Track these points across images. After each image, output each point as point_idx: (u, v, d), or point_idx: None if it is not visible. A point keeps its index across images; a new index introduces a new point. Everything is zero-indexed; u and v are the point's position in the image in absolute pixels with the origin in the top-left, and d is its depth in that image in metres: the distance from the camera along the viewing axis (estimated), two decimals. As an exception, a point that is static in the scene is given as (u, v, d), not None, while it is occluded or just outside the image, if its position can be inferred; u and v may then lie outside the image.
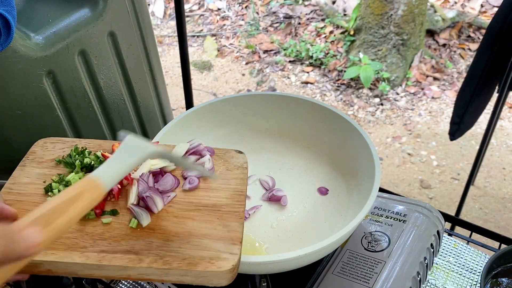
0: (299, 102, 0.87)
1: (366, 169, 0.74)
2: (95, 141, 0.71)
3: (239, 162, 0.69)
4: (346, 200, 0.79)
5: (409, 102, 2.51)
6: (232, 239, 0.56)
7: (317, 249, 0.60)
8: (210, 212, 0.60)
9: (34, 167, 0.66)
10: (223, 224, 0.58)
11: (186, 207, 0.61)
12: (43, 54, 0.76)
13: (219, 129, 0.88)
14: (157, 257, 0.53)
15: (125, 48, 0.91)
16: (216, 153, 0.71)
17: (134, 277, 0.53)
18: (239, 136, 0.90)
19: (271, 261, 0.59)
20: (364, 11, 2.63)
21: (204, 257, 0.53)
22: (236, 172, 0.67)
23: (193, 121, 0.85)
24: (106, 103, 0.91)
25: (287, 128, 0.91)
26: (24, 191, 0.62)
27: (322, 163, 0.87)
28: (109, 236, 0.56)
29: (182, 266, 0.52)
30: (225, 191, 0.64)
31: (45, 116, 0.80)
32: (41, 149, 0.69)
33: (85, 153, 0.67)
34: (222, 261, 0.53)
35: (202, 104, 0.86)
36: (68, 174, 0.64)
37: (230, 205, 0.61)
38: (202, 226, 0.58)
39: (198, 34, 3.16)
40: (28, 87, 0.76)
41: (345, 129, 0.82)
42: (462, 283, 0.78)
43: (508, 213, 1.86)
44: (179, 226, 0.58)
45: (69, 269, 0.53)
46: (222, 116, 0.88)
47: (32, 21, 0.78)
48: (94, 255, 0.53)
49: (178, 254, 0.54)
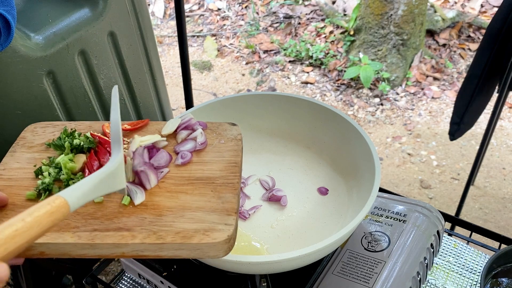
0: (299, 102, 0.87)
1: (366, 169, 0.74)
2: (85, 123, 0.70)
3: (233, 134, 0.69)
4: (346, 200, 0.79)
5: (409, 102, 2.51)
6: (227, 210, 0.56)
7: (317, 249, 0.60)
8: (204, 185, 0.60)
9: (24, 152, 0.66)
10: (217, 196, 0.58)
11: (179, 181, 0.61)
12: (43, 54, 0.76)
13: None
14: (150, 233, 0.53)
15: (125, 48, 0.91)
16: (209, 127, 0.70)
17: (128, 254, 0.53)
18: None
19: (271, 261, 0.59)
20: (364, 11, 2.63)
21: (198, 230, 0.53)
22: (230, 144, 0.67)
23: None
24: (106, 103, 0.91)
25: (287, 128, 0.91)
26: (15, 176, 0.62)
27: (322, 163, 0.87)
28: (101, 214, 0.56)
29: (176, 240, 0.52)
30: (219, 164, 0.63)
31: (45, 116, 0.80)
32: (31, 134, 0.69)
33: (75, 134, 0.66)
34: (217, 232, 0.52)
35: (201, 104, 0.86)
36: (58, 156, 0.63)
37: (224, 177, 0.61)
38: (196, 199, 0.58)
39: (198, 34, 3.16)
40: (28, 87, 0.76)
41: (345, 129, 0.82)
42: (462, 283, 0.78)
43: (508, 213, 1.86)
44: (172, 201, 0.57)
45: (62, 250, 0.52)
46: (222, 116, 0.88)
47: (32, 21, 0.78)
48: (86, 234, 0.52)
49: (172, 229, 0.53)
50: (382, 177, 2.07)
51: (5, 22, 0.66)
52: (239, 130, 0.70)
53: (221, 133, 0.69)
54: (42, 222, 0.41)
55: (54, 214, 0.43)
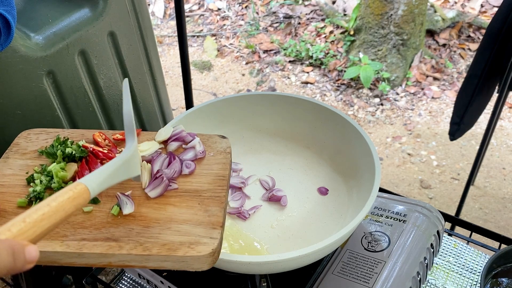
0: (299, 102, 0.87)
1: (366, 169, 0.74)
2: (78, 131, 0.71)
3: (222, 147, 0.69)
4: (346, 200, 0.79)
5: (409, 102, 2.51)
6: (212, 223, 0.56)
7: (317, 249, 0.60)
8: (192, 198, 0.60)
9: (17, 158, 0.66)
10: (204, 209, 0.58)
11: (167, 193, 0.61)
12: (43, 54, 0.76)
13: (219, 129, 0.89)
14: (137, 244, 0.53)
15: (125, 48, 0.91)
16: (200, 139, 0.71)
17: (115, 264, 0.53)
18: (239, 136, 0.90)
19: (271, 261, 0.59)
20: (364, 11, 2.63)
21: (184, 243, 0.53)
22: (219, 157, 0.68)
23: (193, 121, 0.85)
24: (106, 103, 0.91)
25: (287, 128, 0.91)
26: (7, 182, 0.62)
27: (322, 163, 0.87)
28: (89, 224, 0.56)
29: (161, 252, 0.52)
30: (207, 177, 0.64)
31: (45, 116, 0.80)
32: (25, 141, 0.69)
33: (67, 143, 0.67)
34: (202, 245, 0.53)
35: (201, 104, 0.86)
36: (51, 164, 0.64)
37: (212, 190, 0.61)
38: (183, 211, 0.58)
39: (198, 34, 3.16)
40: (28, 87, 0.76)
41: (345, 129, 0.82)
42: (462, 283, 0.78)
43: (508, 213, 1.86)
44: (159, 213, 0.58)
45: (50, 258, 0.53)
46: (222, 116, 0.88)
47: (32, 21, 0.78)
48: (74, 244, 0.53)
49: (158, 240, 0.54)
50: (382, 177, 2.07)
51: (5, 22, 0.66)
52: (228, 143, 0.70)
53: (211, 146, 0.70)
54: (66, 206, 0.44)
55: (77, 200, 0.45)
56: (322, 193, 0.82)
